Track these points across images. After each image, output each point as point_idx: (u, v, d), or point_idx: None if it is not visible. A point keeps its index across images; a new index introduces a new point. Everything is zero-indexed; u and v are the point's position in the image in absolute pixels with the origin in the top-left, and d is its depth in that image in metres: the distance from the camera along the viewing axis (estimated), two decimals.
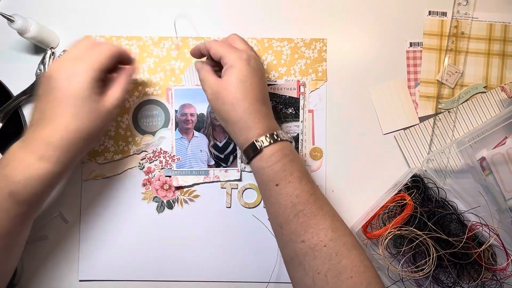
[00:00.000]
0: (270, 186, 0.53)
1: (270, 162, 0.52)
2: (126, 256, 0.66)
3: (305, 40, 0.68)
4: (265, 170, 0.53)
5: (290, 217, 0.51)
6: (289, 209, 0.51)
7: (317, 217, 0.50)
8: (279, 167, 0.52)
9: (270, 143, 0.52)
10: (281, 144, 0.53)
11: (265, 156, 0.52)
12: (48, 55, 0.66)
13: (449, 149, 0.66)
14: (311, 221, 0.50)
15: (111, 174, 0.66)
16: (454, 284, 0.61)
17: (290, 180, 0.51)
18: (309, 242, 0.49)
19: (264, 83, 0.56)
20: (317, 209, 0.50)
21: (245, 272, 0.66)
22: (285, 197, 0.51)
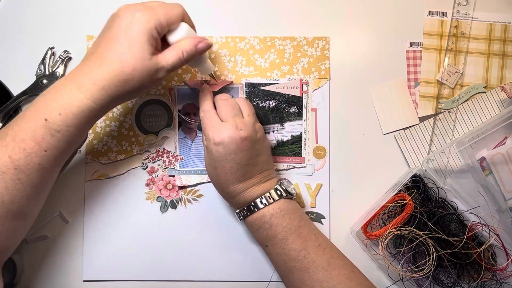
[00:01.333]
0: (262, 246, 0.58)
1: (253, 229, 0.57)
2: (130, 256, 0.65)
3: (308, 38, 0.66)
4: (253, 234, 0.58)
5: (285, 272, 0.55)
6: (282, 266, 0.55)
7: (309, 270, 0.53)
8: (261, 233, 0.55)
9: (246, 216, 0.56)
10: (261, 212, 0.55)
11: (248, 224, 0.57)
12: (49, 55, 0.65)
13: (449, 149, 0.64)
14: (305, 276, 0.53)
15: (114, 174, 0.65)
16: (454, 284, 0.60)
17: (275, 242, 0.54)
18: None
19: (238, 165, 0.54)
20: (308, 264, 0.53)
21: (246, 271, 0.65)
22: (276, 256, 0.55)
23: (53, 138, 0.47)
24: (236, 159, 0.54)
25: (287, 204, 0.56)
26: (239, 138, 0.53)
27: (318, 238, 0.56)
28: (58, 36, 0.66)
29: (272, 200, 0.55)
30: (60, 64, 0.65)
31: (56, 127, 0.47)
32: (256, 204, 0.55)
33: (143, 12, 0.49)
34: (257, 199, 0.55)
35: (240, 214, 0.57)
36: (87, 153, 0.65)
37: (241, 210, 0.57)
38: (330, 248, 0.56)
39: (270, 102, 0.66)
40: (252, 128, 0.55)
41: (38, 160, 0.47)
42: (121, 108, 0.65)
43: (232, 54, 0.66)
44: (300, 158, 0.65)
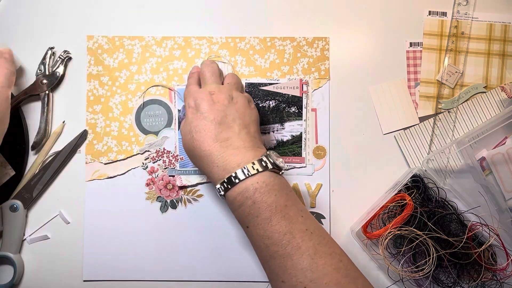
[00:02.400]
0: (243, 227, 0.51)
1: (234, 207, 0.50)
2: (130, 256, 0.64)
3: (308, 39, 0.66)
4: (233, 213, 0.51)
5: (266, 257, 0.48)
6: (264, 250, 0.48)
7: (294, 257, 0.46)
8: (243, 210, 0.49)
9: (227, 189, 0.49)
10: (242, 185, 0.48)
11: (228, 201, 0.51)
12: (49, 55, 0.64)
13: (449, 149, 0.63)
14: (288, 263, 0.46)
15: (115, 174, 0.64)
16: (454, 284, 0.59)
17: (258, 222, 0.48)
18: (289, 283, 0.46)
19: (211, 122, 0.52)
20: (292, 249, 0.46)
21: (246, 271, 0.64)
22: (257, 239, 0.48)
23: None
24: (209, 117, 0.52)
25: (274, 178, 0.50)
26: (210, 99, 0.54)
27: (305, 220, 0.49)
28: (58, 36, 0.65)
29: (255, 171, 0.48)
30: (60, 64, 0.64)
31: None
32: (236, 175, 0.48)
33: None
34: (238, 169, 0.49)
35: (221, 188, 0.50)
36: (87, 153, 0.64)
37: (222, 183, 0.49)
38: (318, 233, 0.49)
39: (270, 102, 0.65)
40: (227, 93, 0.55)
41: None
42: (121, 108, 0.64)
43: (232, 55, 0.65)
44: (300, 158, 0.64)
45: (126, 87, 0.65)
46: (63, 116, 0.64)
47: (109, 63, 0.65)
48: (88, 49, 0.65)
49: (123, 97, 0.64)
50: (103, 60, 0.65)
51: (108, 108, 0.64)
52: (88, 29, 0.65)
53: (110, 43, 0.65)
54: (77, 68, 0.65)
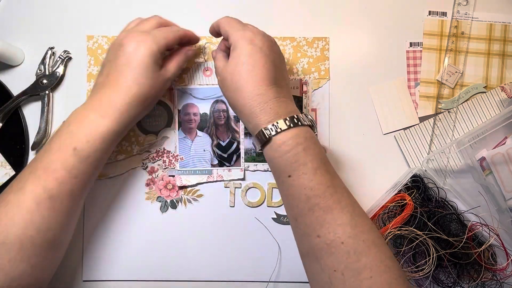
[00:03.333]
0: (282, 177, 0.47)
1: (281, 152, 0.46)
2: (130, 256, 0.63)
3: (308, 39, 0.65)
4: (276, 160, 0.47)
5: (304, 210, 0.46)
6: (303, 202, 0.46)
7: (334, 211, 0.44)
8: (290, 157, 0.46)
9: (279, 131, 0.46)
10: (294, 131, 0.46)
11: (274, 145, 0.47)
12: (49, 55, 0.63)
13: (449, 149, 0.63)
14: (327, 216, 0.44)
15: (115, 174, 0.63)
16: (454, 284, 0.58)
17: (304, 171, 0.45)
18: (325, 237, 0.44)
19: (273, 62, 0.50)
20: (334, 203, 0.45)
21: (246, 271, 0.63)
22: (299, 189, 0.46)
23: (82, 164, 0.49)
24: (270, 56, 0.50)
25: (314, 135, 0.49)
26: (271, 38, 0.52)
27: (341, 180, 0.49)
28: (58, 36, 0.65)
29: (304, 123, 0.47)
30: (60, 64, 0.63)
31: (85, 154, 0.49)
32: (292, 119, 0.47)
33: (145, 38, 0.52)
34: (289, 115, 0.47)
35: (270, 130, 0.46)
36: None
37: (273, 125, 0.47)
38: (351, 194, 0.48)
39: None
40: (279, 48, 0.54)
41: (69, 187, 0.49)
42: None
43: None
44: None
45: None
46: (63, 116, 0.63)
47: None
48: (88, 49, 0.64)
49: None
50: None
51: None
52: (88, 29, 0.65)
53: (110, 43, 0.64)
54: (77, 68, 0.64)
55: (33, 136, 0.62)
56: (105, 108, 0.50)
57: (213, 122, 0.64)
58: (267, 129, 0.47)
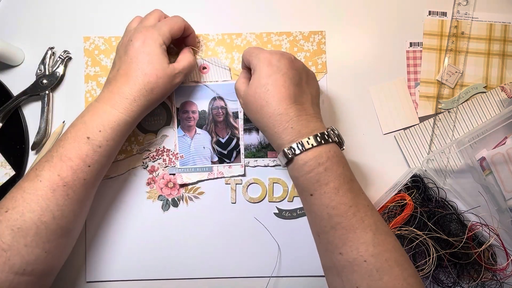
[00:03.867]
0: (305, 195, 0.49)
1: (303, 172, 0.47)
2: (132, 255, 0.63)
3: (304, 33, 0.64)
4: (298, 179, 0.48)
5: (326, 228, 0.47)
6: (325, 220, 0.46)
7: (357, 230, 0.45)
8: (312, 177, 0.47)
9: (301, 151, 0.47)
10: (317, 151, 0.47)
11: (296, 165, 0.48)
12: (49, 55, 0.63)
13: (449, 149, 0.62)
14: (350, 235, 0.45)
15: (115, 174, 0.63)
16: (454, 284, 0.58)
17: (325, 190, 0.46)
18: (348, 255, 0.45)
19: (292, 80, 0.50)
20: (357, 222, 0.45)
21: (248, 267, 0.63)
22: (321, 208, 0.47)
23: (95, 153, 0.51)
24: (289, 74, 0.50)
25: (340, 151, 0.49)
26: (289, 57, 0.52)
27: (366, 198, 0.48)
28: (58, 36, 0.64)
29: (329, 140, 0.48)
30: (60, 64, 0.63)
31: (98, 143, 0.51)
32: (313, 139, 0.47)
33: (151, 32, 0.54)
34: (313, 135, 0.47)
35: (292, 150, 0.47)
36: None
37: (291, 147, 0.47)
38: (376, 211, 0.48)
39: None
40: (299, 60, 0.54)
41: (83, 175, 0.51)
42: None
43: (229, 51, 0.64)
44: None
45: None
46: (63, 116, 0.63)
47: (106, 64, 0.64)
48: (85, 50, 0.64)
49: None
50: (100, 61, 0.64)
51: None
52: (88, 29, 0.64)
53: (106, 44, 0.64)
54: (77, 68, 0.64)
55: (33, 136, 0.62)
56: (115, 99, 0.52)
57: (212, 119, 0.64)
58: (289, 149, 0.47)
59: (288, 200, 0.63)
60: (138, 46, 0.53)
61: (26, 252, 0.47)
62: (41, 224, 0.48)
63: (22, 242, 0.47)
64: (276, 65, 0.50)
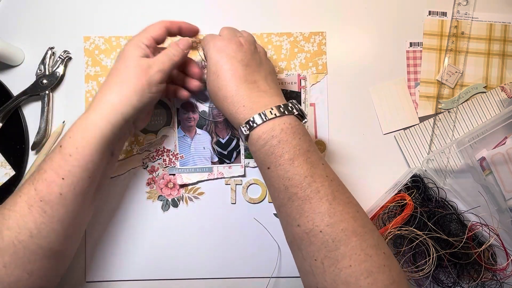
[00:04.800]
0: (263, 169, 0.49)
1: (258, 146, 0.48)
2: (132, 255, 0.62)
3: (304, 34, 0.64)
4: (255, 154, 0.49)
5: (284, 200, 0.46)
6: (282, 192, 0.46)
7: (312, 200, 0.44)
8: (267, 150, 0.47)
9: (255, 126, 0.47)
10: (269, 125, 0.47)
11: (252, 140, 0.48)
12: (49, 55, 0.62)
13: (449, 149, 0.62)
14: (306, 205, 0.44)
15: (115, 174, 0.62)
16: (454, 284, 0.57)
17: (280, 163, 0.46)
18: (304, 226, 0.44)
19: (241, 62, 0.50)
20: (312, 192, 0.44)
21: (248, 267, 0.63)
22: (277, 180, 0.46)
23: (66, 163, 0.47)
24: (237, 57, 0.50)
25: (298, 123, 0.49)
26: (238, 41, 0.52)
27: (325, 168, 0.48)
28: (58, 36, 0.64)
29: (283, 113, 0.47)
30: (60, 64, 0.62)
31: (68, 151, 0.47)
32: (265, 113, 0.47)
33: (132, 39, 0.53)
34: (266, 109, 0.47)
35: (246, 127, 0.48)
36: None
37: (247, 122, 0.48)
38: (337, 182, 0.48)
39: None
40: (251, 40, 0.54)
41: (58, 189, 0.46)
42: None
43: None
44: None
45: None
46: (63, 116, 0.63)
47: (107, 64, 0.63)
48: (85, 50, 0.63)
49: None
50: (100, 61, 0.63)
51: None
52: (88, 29, 0.64)
53: (107, 44, 0.63)
54: (77, 68, 0.63)
55: (33, 136, 0.61)
56: (93, 105, 0.49)
57: (212, 119, 0.63)
58: (244, 126, 0.48)
59: None
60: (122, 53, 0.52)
61: (5, 273, 0.44)
62: (19, 244, 0.45)
63: (0, 263, 0.44)
64: (224, 51, 0.51)
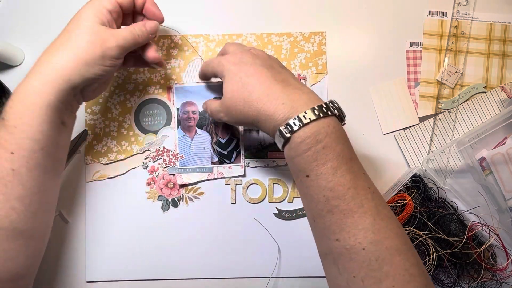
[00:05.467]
0: (301, 177, 0.44)
1: (300, 151, 0.43)
2: (132, 255, 0.62)
3: (304, 34, 0.64)
4: (294, 160, 0.44)
5: (323, 212, 0.42)
6: (321, 203, 0.42)
7: (355, 215, 0.41)
8: (309, 156, 0.42)
9: (299, 127, 0.42)
10: (315, 126, 0.42)
11: (293, 144, 0.43)
12: None
13: (449, 149, 0.62)
14: (348, 220, 0.41)
15: (115, 175, 0.62)
16: (454, 284, 0.57)
17: (323, 171, 0.42)
18: (345, 242, 0.41)
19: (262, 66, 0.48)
20: (355, 206, 0.41)
21: (248, 267, 0.62)
22: (317, 190, 0.42)
23: (12, 136, 0.43)
24: (257, 62, 0.47)
25: (340, 126, 0.44)
26: (250, 52, 0.49)
27: (367, 179, 0.44)
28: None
29: (326, 113, 0.43)
30: None
31: (12, 123, 0.43)
32: (310, 113, 0.42)
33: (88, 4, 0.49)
34: (307, 108, 0.42)
35: (288, 128, 0.43)
36: (87, 154, 0.62)
37: (287, 125, 0.43)
38: (378, 193, 0.44)
39: None
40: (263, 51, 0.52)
41: (9, 164, 0.43)
42: (120, 108, 0.62)
43: None
44: None
45: (124, 87, 0.63)
46: None
47: None
48: None
49: (122, 97, 0.62)
50: None
51: (107, 108, 0.62)
52: None
53: None
54: None
55: None
56: (35, 68, 0.45)
57: (212, 119, 0.63)
58: (285, 128, 0.43)
59: (288, 201, 0.62)
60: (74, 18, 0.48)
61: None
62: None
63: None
64: (241, 61, 0.48)
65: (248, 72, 0.47)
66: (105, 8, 0.48)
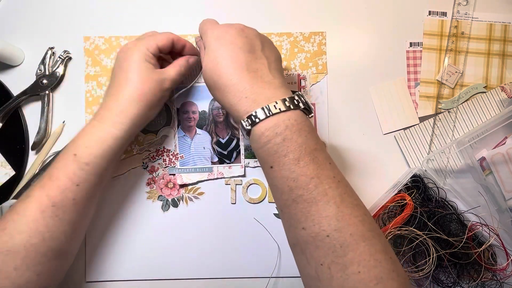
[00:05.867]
0: (265, 168, 0.45)
1: (261, 144, 0.44)
2: (132, 255, 0.62)
3: (304, 34, 0.64)
4: (257, 151, 0.45)
5: (288, 201, 0.43)
6: (286, 193, 0.43)
7: (319, 203, 0.41)
8: (270, 148, 0.43)
9: (257, 121, 0.43)
10: (273, 120, 0.43)
11: (255, 136, 0.44)
12: (49, 55, 0.62)
13: (449, 149, 0.62)
14: (312, 208, 0.42)
15: (115, 174, 0.62)
16: (454, 284, 0.57)
17: (285, 162, 0.42)
18: (310, 230, 0.42)
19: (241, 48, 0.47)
20: (319, 195, 0.42)
21: (248, 267, 0.62)
22: (281, 181, 0.43)
23: (82, 171, 0.48)
24: (238, 43, 0.47)
25: (305, 119, 0.45)
26: (238, 26, 0.49)
27: (333, 168, 0.44)
28: (58, 36, 0.63)
29: (288, 108, 0.44)
30: (60, 64, 0.62)
31: (85, 160, 0.48)
32: (269, 108, 0.43)
33: (135, 43, 0.53)
34: (270, 103, 0.43)
35: (248, 122, 0.44)
36: None
37: (249, 116, 0.44)
38: (345, 183, 0.45)
39: None
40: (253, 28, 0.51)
41: (72, 195, 0.48)
42: None
43: None
44: None
45: None
46: (63, 116, 0.62)
47: (106, 64, 0.63)
48: (85, 50, 0.63)
49: None
50: (100, 61, 0.63)
51: None
52: (88, 29, 0.63)
53: (107, 44, 0.63)
54: (77, 68, 0.63)
55: (33, 136, 0.61)
56: (102, 114, 0.50)
57: (212, 119, 0.63)
58: (246, 121, 0.44)
59: None
60: (122, 58, 0.52)
61: (16, 275, 0.45)
62: (30, 246, 0.46)
63: (11, 265, 0.45)
64: (224, 37, 0.47)
65: (224, 53, 0.47)
66: (148, 51, 0.52)
